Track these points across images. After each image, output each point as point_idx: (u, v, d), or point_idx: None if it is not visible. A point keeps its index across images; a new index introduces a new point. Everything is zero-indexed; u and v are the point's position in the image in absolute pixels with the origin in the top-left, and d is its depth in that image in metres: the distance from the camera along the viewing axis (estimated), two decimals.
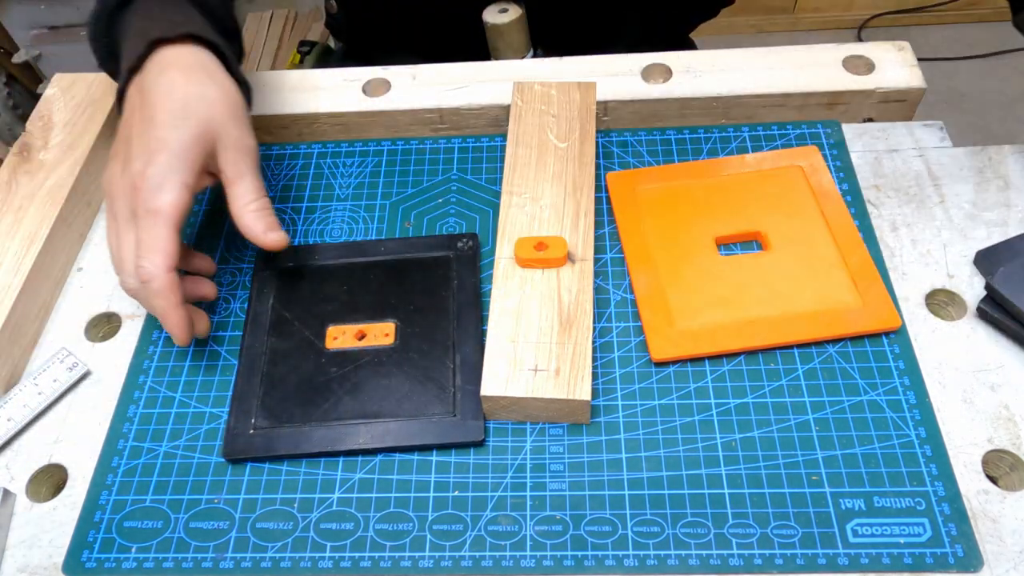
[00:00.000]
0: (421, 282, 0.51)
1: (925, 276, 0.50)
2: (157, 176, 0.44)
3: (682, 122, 0.60)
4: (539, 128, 0.55)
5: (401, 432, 0.45)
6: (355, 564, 0.41)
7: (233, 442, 0.45)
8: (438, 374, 0.47)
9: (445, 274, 0.51)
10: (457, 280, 0.51)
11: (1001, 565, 0.39)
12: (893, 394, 0.45)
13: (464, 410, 0.45)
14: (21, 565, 0.43)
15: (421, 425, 0.45)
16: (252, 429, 0.46)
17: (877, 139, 0.57)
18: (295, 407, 0.46)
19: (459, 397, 0.46)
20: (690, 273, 0.50)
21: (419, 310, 0.50)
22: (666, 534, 0.41)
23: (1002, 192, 0.53)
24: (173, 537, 0.43)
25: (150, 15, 0.49)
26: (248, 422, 0.46)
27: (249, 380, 0.48)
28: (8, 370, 0.49)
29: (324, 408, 0.46)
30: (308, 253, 0.53)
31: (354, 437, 0.45)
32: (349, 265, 0.52)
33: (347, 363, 0.48)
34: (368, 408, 0.46)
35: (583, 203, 0.51)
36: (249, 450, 0.45)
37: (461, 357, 0.47)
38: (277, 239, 0.48)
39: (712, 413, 0.45)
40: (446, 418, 0.45)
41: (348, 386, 0.47)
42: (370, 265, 0.52)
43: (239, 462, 0.45)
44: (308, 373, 0.48)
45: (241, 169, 0.47)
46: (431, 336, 0.48)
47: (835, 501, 0.42)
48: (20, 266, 0.51)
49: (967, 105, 1.73)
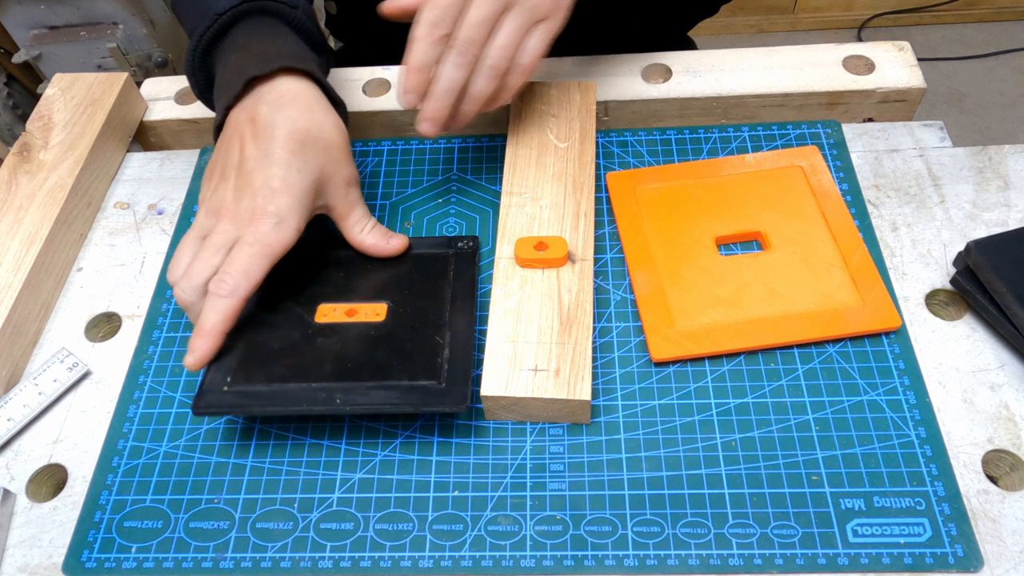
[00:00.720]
0: (418, 272, 0.50)
1: (925, 276, 0.50)
2: (278, 215, 0.44)
3: (682, 122, 0.60)
4: (539, 128, 0.55)
5: (383, 396, 0.44)
6: (355, 564, 0.41)
7: (204, 397, 0.44)
8: (427, 347, 0.46)
9: (443, 268, 0.51)
10: (455, 273, 0.50)
11: (1001, 565, 0.39)
12: (893, 394, 0.45)
13: (451, 379, 0.44)
14: (21, 565, 0.43)
15: (404, 392, 0.44)
16: (226, 386, 0.44)
17: (877, 139, 0.57)
18: (274, 369, 0.45)
19: (446, 368, 0.45)
20: (690, 273, 0.50)
21: (414, 295, 0.49)
22: (666, 534, 0.41)
23: (1002, 192, 0.53)
24: (173, 537, 0.43)
25: (247, 47, 0.48)
26: (224, 379, 0.45)
27: (230, 343, 0.46)
28: (8, 370, 0.49)
29: (305, 371, 0.45)
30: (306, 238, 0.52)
31: (331, 399, 0.43)
32: (348, 254, 0.52)
33: (334, 335, 0.47)
34: (350, 372, 0.45)
35: (583, 203, 0.51)
36: (220, 405, 0.44)
37: (452, 335, 0.46)
38: (399, 244, 0.51)
39: (712, 413, 0.45)
40: (431, 385, 0.44)
41: (332, 354, 0.46)
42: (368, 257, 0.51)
43: (207, 415, 0.45)
44: (293, 342, 0.47)
45: (352, 201, 0.49)
46: (424, 317, 0.48)
47: (835, 501, 0.42)
48: (20, 266, 0.51)
49: (967, 105, 1.73)
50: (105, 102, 0.60)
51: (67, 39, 1.43)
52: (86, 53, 1.44)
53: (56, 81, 0.62)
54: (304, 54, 0.49)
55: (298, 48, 0.50)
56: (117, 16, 1.43)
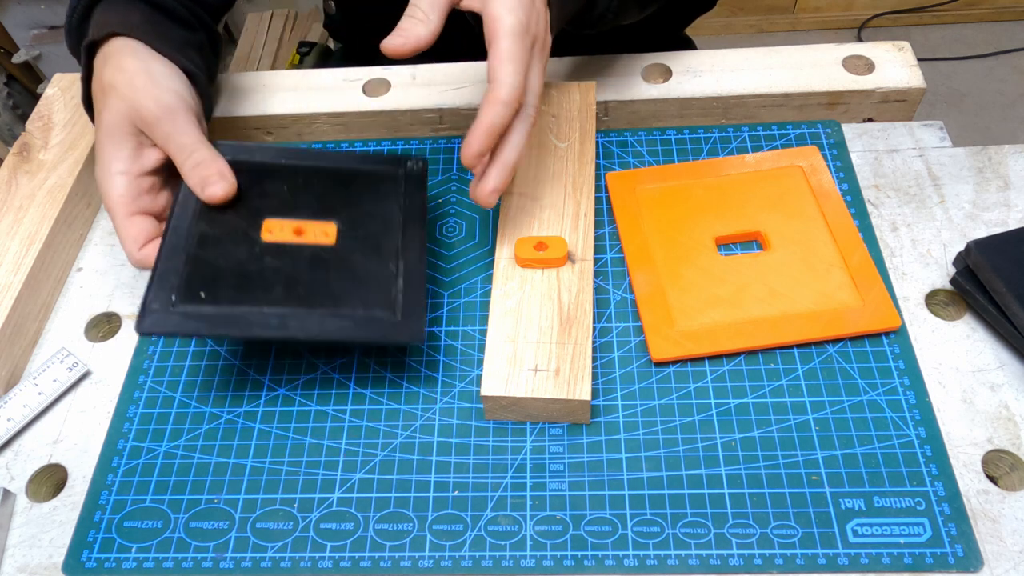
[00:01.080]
0: (367, 191, 0.49)
1: (925, 276, 0.50)
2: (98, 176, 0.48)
3: (682, 122, 0.60)
4: (539, 128, 0.55)
5: (338, 326, 0.43)
6: (355, 564, 0.41)
7: (148, 316, 0.42)
8: (380, 277, 0.45)
9: (393, 188, 0.49)
10: (405, 195, 0.49)
11: (1001, 565, 0.39)
12: (893, 394, 0.45)
13: (406, 311, 0.43)
14: (21, 565, 0.43)
15: (359, 322, 0.43)
16: (172, 305, 0.42)
17: (877, 139, 0.57)
18: (222, 290, 0.43)
19: (400, 300, 0.44)
20: (690, 273, 0.50)
21: (363, 216, 0.47)
22: (666, 534, 0.41)
23: (1002, 192, 0.53)
24: (173, 537, 0.43)
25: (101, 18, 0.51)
26: (168, 298, 0.42)
27: (172, 259, 0.44)
28: (8, 370, 0.49)
29: (255, 295, 0.43)
30: (247, 150, 0.50)
31: (284, 324, 0.42)
32: (292, 167, 0.49)
33: (284, 256, 0.45)
34: (304, 299, 0.43)
35: (583, 203, 0.51)
36: (165, 325, 0.42)
37: (405, 265, 0.45)
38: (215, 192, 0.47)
39: (712, 413, 0.45)
40: (387, 317, 0.43)
41: (283, 277, 0.44)
42: (314, 170, 0.49)
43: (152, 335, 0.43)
44: (240, 260, 0.45)
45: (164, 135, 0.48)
46: (375, 242, 0.46)
47: (835, 501, 0.42)
48: (20, 266, 0.51)
49: (967, 105, 1.73)
50: None
51: None
52: None
53: (56, 81, 0.62)
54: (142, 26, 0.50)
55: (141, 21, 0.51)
56: None
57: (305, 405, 0.47)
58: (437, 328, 0.50)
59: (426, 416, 0.46)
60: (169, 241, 0.45)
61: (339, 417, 0.47)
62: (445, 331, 0.50)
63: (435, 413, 0.47)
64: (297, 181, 0.49)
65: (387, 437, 0.46)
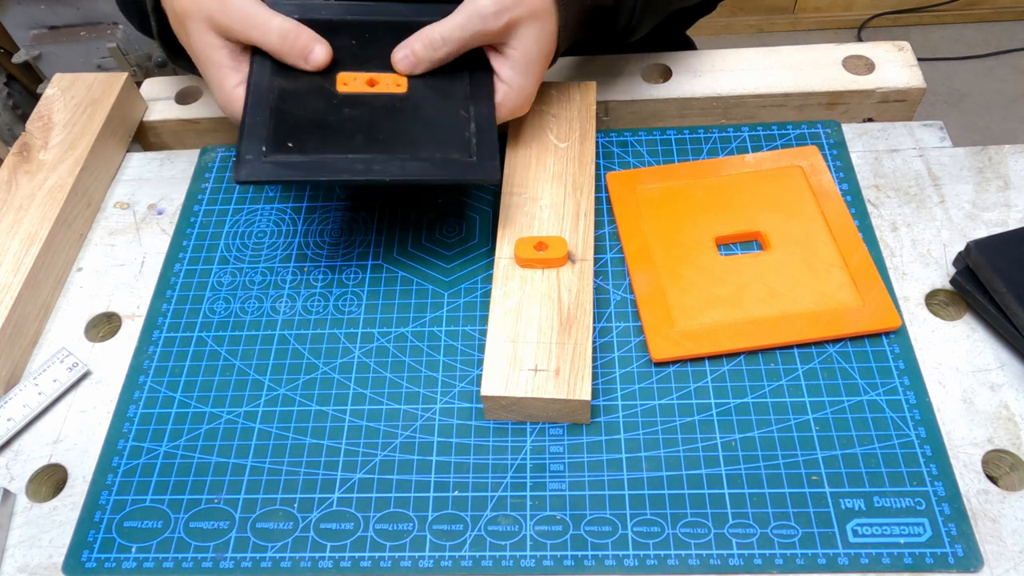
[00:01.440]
0: None
1: (925, 276, 0.50)
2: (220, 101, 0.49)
3: (682, 122, 0.60)
4: (539, 128, 0.55)
5: (419, 168, 0.44)
6: (355, 564, 0.41)
7: (243, 166, 0.43)
8: (453, 122, 0.46)
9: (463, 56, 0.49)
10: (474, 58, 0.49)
11: (1001, 565, 0.39)
12: (893, 394, 0.45)
13: (480, 152, 0.45)
14: (21, 565, 0.43)
15: (438, 164, 0.44)
16: (264, 156, 0.44)
17: (877, 139, 0.57)
18: (308, 139, 0.45)
19: (475, 142, 0.45)
20: (690, 273, 0.50)
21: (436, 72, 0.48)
22: (666, 534, 0.41)
23: (1002, 192, 0.53)
24: (173, 537, 0.43)
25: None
26: (259, 149, 0.44)
27: (257, 114, 0.46)
28: (8, 370, 0.49)
29: (338, 143, 0.45)
30: (313, 9, 0.51)
31: (369, 169, 0.44)
32: (359, 22, 0.50)
33: (360, 106, 0.47)
34: (384, 146, 0.45)
35: (583, 203, 0.51)
36: (260, 173, 0.43)
37: (475, 110, 0.47)
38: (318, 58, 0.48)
39: (712, 413, 0.45)
40: (463, 159, 0.44)
41: (363, 125, 0.46)
42: (381, 24, 0.50)
43: (249, 184, 0.44)
44: (320, 112, 0.46)
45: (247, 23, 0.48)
46: (445, 90, 0.48)
47: (835, 501, 0.42)
48: (20, 266, 0.51)
49: (967, 105, 1.73)
50: (105, 102, 0.60)
51: (67, 39, 1.43)
52: (86, 53, 1.44)
53: (56, 81, 0.62)
54: None
55: None
56: (117, 16, 1.43)
57: (305, 405, 0.47)
58: (437, 328, 0.50)
59: (426, 416, 0.46)
60: (252, 98, 0.46)
61: (339, 417, 0.47)
62: (445, 331, 0.50)
63: (435, 413, 0.47)
64: (364, 35, 0.50)
65: (387, 437, 0.46)
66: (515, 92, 0.49)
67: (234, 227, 0.56)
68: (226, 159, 0.60)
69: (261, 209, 0.57)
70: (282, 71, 0.48)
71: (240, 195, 0.58)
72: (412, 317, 0.51)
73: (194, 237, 0.56)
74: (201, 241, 0.56)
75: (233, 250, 0.55)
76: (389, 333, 0.50)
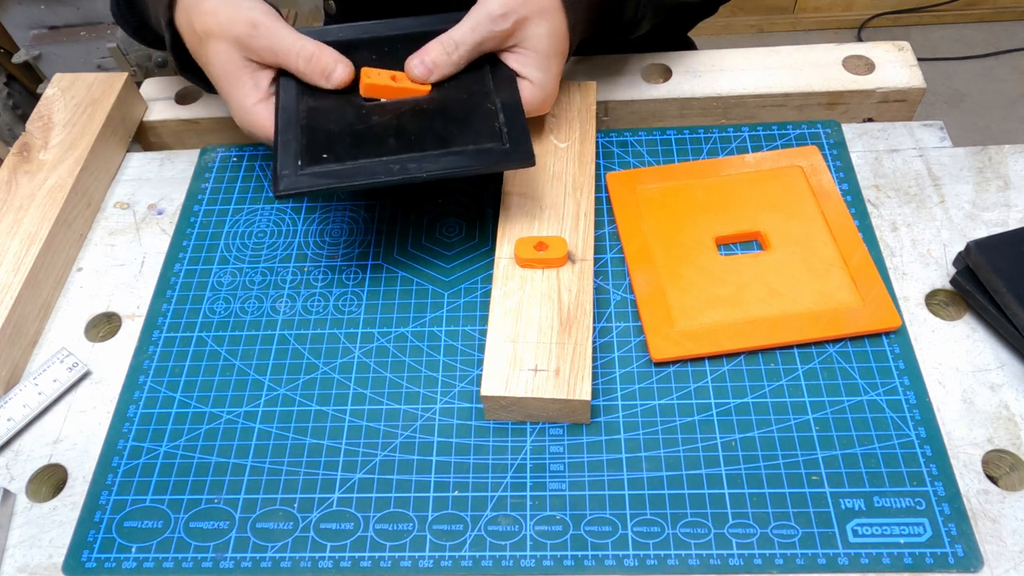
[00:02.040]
0: None
1: (925, 276, 0.50)
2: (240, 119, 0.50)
3: (682, 122, 0.60)
4: (539, 128, 0.55)
5: (454, 161, 0.45)
6: (355, 564, 0.41)
7: (282, 180, 0.45)
8: (482, 114, 0.47)
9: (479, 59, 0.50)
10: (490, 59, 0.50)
11: (1001, 565, 0.39)
12: (893, 394, 0.45)
13: (513, 139, 0.45)
14: (21, 565, 0.43)
15: (472, 155, 0.45)
16: (299, 170, 0.45)
17: (877, 139, 0.57)
18: (341, 149, 0.46)
19: (506, 131, 0.46)
20: (690, 273, 0.50)
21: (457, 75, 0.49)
22: (666, 534, 0.41)
23: (1002, 192, 0.53)
24: (173, 537, 0.43)
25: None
26: (294, 163, 0.46)
27: (289, 132, 0.47)
28: (8, 370, 0.49)
29: (371, 148, 0.46)
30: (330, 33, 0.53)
31: (406, 168, 0.45)
32: (375, 39, 0.52)
33: (387, 112, 0.48)
34: (416, 145, 0.46)
35: (583, 203, 0.51)
36: (299, 184, 0.45)
37: (501, 100, 0.47)
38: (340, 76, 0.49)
39: (712, 413, 0.45)
40: (496, 147, 0.45)
41: (392, 130, 0.47)
42: (395, 37, 0.52)
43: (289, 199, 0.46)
44: (349, 122, 0.48)
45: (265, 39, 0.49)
46: (468, 87, 0.48)
47: (835, 501, 0.42)
48: (20, 266, 0.51)
49: (967, 105, 1.73)
50: (105, 102, 0.60)
51: (67, 39, 1.43)
52: (86, 53, 1.44)
53: (56, 81, 0.62)
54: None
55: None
56: None
57: (305, 405, 0.47)
58: (437, 328, 0.50)
59: (426, 416, 0.46)
60: (282, 119, 0.48)
61: (339, 417, 0.47)
62: (445, 331, 0.50)
63: (435, 413, 0.47)
64: (383, 49, 0.51)
65: (387, 437, 0.46)
66: (537, 88, 0.49)
67: (234, 227, 0.56)
68: (226, 159, 0.60)
69: (261, 209, 0.57)
70: (308, 90, 0.49)
71: (240, 195, 0.58)
72: (412, 317, 0.51)
73: (194, 237, 0.56)
74: (201, 241, 0.56)
75: (233, 250, 0.55)
76: (389, 333, 0.50)
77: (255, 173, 0.59)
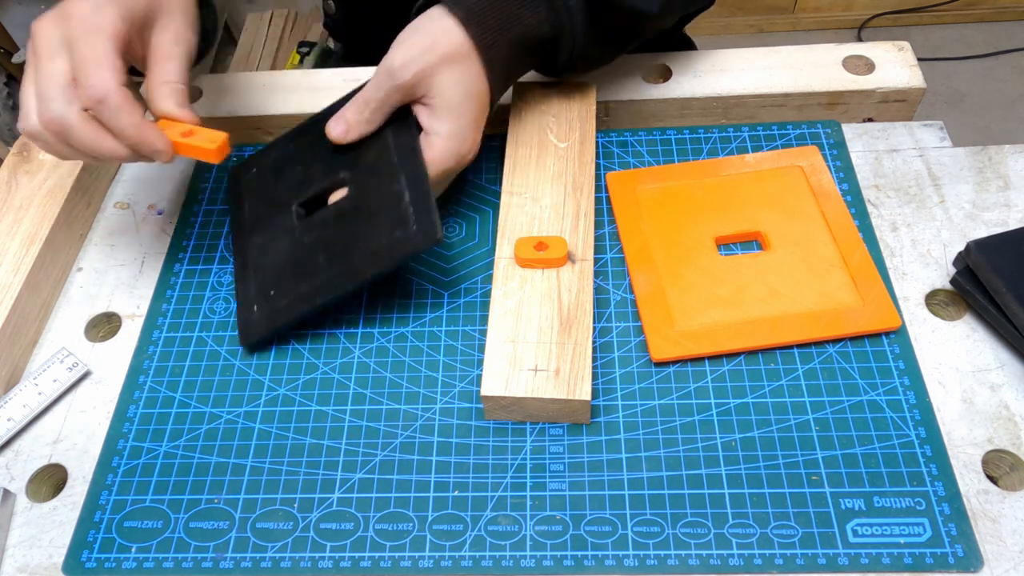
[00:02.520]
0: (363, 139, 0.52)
1: (925, 276, 0.50)
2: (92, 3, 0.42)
3: (682, 122, 0.60)
4: (539, 128, 0.55)
5: (371, 263, 0.47)
6: (355, 564, 0.41)
7: (246, 332, 0.49)
8: (390, 199, 0.48)
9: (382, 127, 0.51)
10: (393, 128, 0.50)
11: (1001, 565, 0.39)
12: (893, 394, 0.45)
13: (418, 220, 0.46)
14: (21, 565, 0.43)
15: (385, 249, 0.47)
16: (256, 315, 0.49)
17: (877, 139, 0.57)
18: (285, 282, 0.49)
19: (412, 211, 0.47)
20: (690, 273, 0.50)
21: (362, 152, 0.51)
22: (666, 534, 0.41)
23: (1002, 192, 0.53)
24: (173, 537, 0.43)
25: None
26: (251, 309, 0.50)
27: (244, 278, 0.51)
28: (8, 370, 0.49)
29: (308, 272, 0.49)
30: (264, 155, 0.56)
31: (337, 286, 0.47)
32: (297, 148, 0.54)
33: (315, 227, 0.50)
34: (341, 257, 0.48)
35: (583, 203, 0.51)
36: (259, 330, 0.49)
37: (406, 176, 0.48)
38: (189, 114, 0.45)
39: (712, 413, 0.45)
40: (403, 234, 0.47)
41: (320, 246, 0.49)
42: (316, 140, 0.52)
43: (256, 344, 0.49)
44: (289, 251, 0.50)
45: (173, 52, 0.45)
46: (377, 170, 0.50)
47: (835, 501, 0.42)
48: (20, 266, 0.51)
49: (967, 105, 1.73)
50: None
51: None
52: None
53: None
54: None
55: None
56: None
57: (305, 405, 0.47)
58: (437, 328, 0.50)
59: (426, 416, 0.46)
60: (238, 264, 0.52)
61: (339, 417, 0.47)
62: (445, 331, 0.50)
63: (435, 413, 0.47)
64: (305, 157, 0.53)
65: (387, 437, 0.46)
66: (444, 139, 0.48)
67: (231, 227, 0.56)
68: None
69: None
70: (256, 227, 0.53)
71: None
72: (412, 317, 0.51)
73: (194, 237, 0.56)
74: (201, 241, 0.56)
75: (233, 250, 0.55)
76: (389, 333, 0.50)
77: None
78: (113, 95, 0.41)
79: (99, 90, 0.40)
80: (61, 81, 0.41)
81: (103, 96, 0.40)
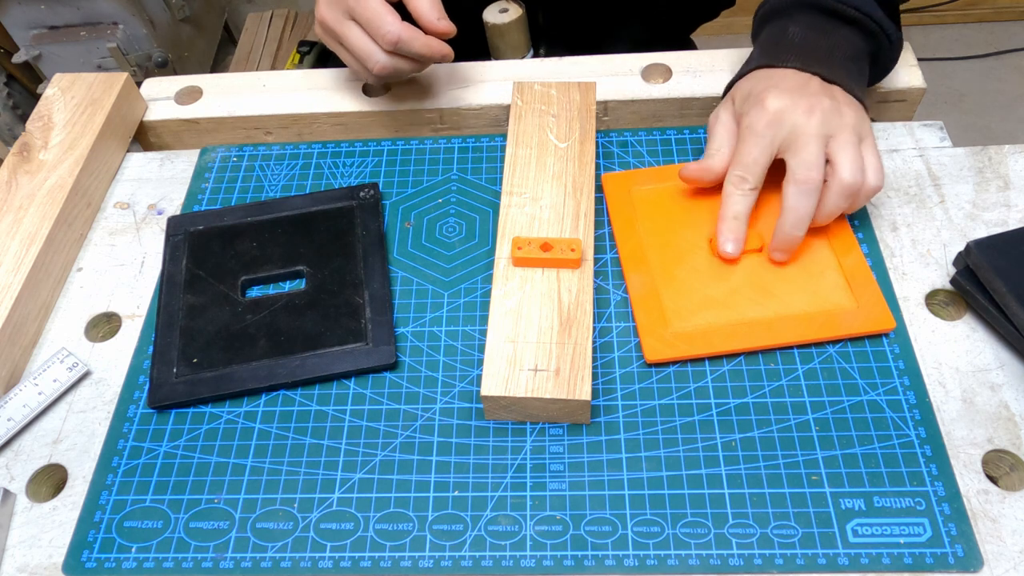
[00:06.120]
0: (327, 231, 0.53)
1: (925, 276, 0.50)
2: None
3: (682, 122, 0.60)
4: (539, 128, 0.55)
5: (318, 364, 0.47)
6: (355, 564, 0.42)
7: (156, 391, 0.47)
8: (349, 309, 0.49)
9: (349, 221, 0.53)
10: (362, 226, 0.52)
11: (1001, 565, 0.39)
12: (893, 394, 0.45)
13: (376, 338, 0.47)
14: (21, 565, 0.43)
15: (336, 356, 0.47)
16: (175, 377, 0.48)
17: (877, 139, 0.57)
18: (215, 353, 0.48)
19: (371, 328, 0.48)
20: (684, 274, 0.50)
21: (327, 255, 0.52)
22: (666, 534, 0.41)
23: (1002, 192, 0.53)
24: (173, 537, 0.43)
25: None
26: (170, 371, 0.48)
27: (168, 335, 0.49)
28: (8, 370, 0.49)
29: (243, 351, 0.48)
30: (216, 216, 0.55)
31: (273, 374, 0.47)
32: (257, 223, 0.54)
33: (262, 309, 0.50)
34: (285, 346, 0.48)
35: (583, 203, 0.51)
36: (173, 396, 0.47)
37: (370, 293, 0.49)
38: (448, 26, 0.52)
39: (712, 413, 0.45)
40: (359, 348, 0.47)
41: (265, 329, 0.49)
42: (277, 220, 0.54)
43: (165, 409, 0.47)
44: (225, 322, 0.50)
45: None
46: (340, 277, 0.50)
47: (835, 501, 0.42)
48: (20, 266, 0.51)
49: (967, 105, 1.73)
50: (105, 102, 0.60)
51: (67, 39, 1.43)
52: (86, 53, 1.44)
53: (56, 81, 0.62)
54: None
55: None
56: (117, 16, 1.43)
57: (305, 405, 0.47)
58: (437, 328, 0.50)
59: (426, 416, 0.46)
60: (162, 319, 0.50)
61: (339, 417, 0.47)
62: (445, 331, 0.50)
63: (435, 413, 0.47)
64: (263, 235, 0.54)
65: (387, 437, 0.46)
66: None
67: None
68: (226, 159, 0.60)
69: None
70: (190, 287, 0.51)
71: (240, 195, 0.58)
72: (412, 317, 0.51)
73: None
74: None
75: None
76: None
77: (255, 173, 0.59)
78: (402, 33, 0.51)
79: (392, 35, 0.51)
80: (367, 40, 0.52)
81: (396, 38, 0.51)
